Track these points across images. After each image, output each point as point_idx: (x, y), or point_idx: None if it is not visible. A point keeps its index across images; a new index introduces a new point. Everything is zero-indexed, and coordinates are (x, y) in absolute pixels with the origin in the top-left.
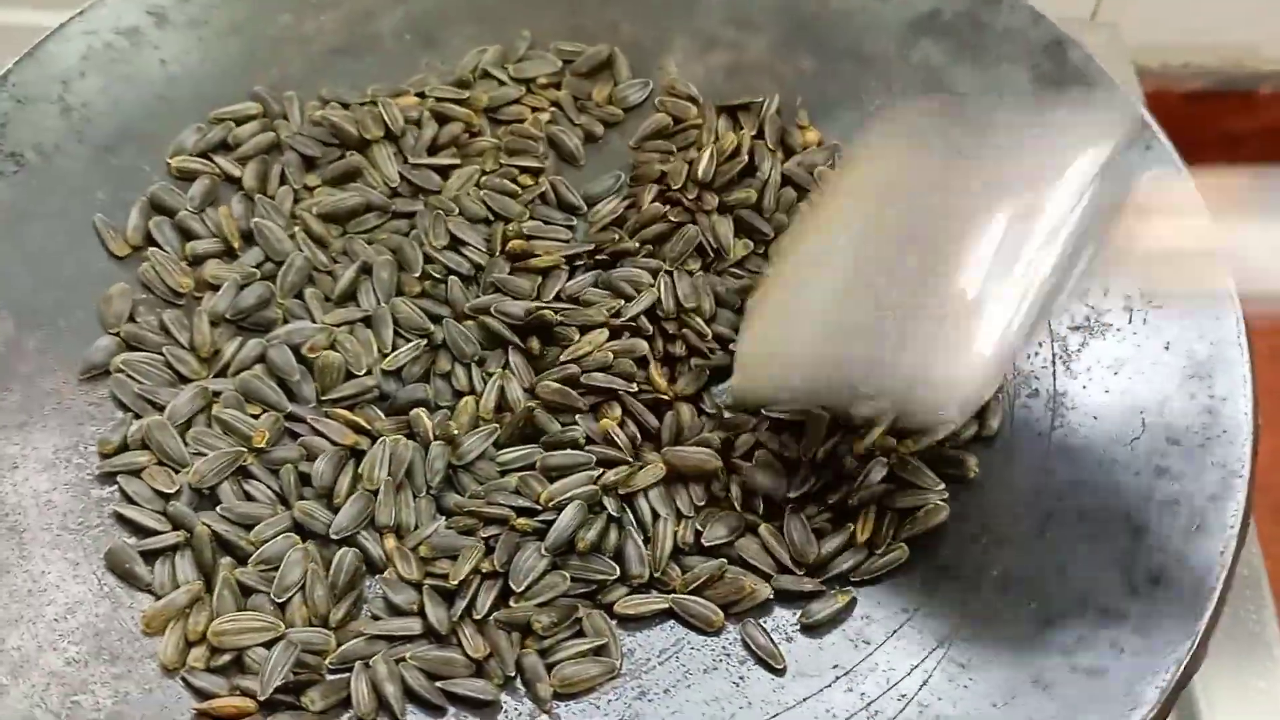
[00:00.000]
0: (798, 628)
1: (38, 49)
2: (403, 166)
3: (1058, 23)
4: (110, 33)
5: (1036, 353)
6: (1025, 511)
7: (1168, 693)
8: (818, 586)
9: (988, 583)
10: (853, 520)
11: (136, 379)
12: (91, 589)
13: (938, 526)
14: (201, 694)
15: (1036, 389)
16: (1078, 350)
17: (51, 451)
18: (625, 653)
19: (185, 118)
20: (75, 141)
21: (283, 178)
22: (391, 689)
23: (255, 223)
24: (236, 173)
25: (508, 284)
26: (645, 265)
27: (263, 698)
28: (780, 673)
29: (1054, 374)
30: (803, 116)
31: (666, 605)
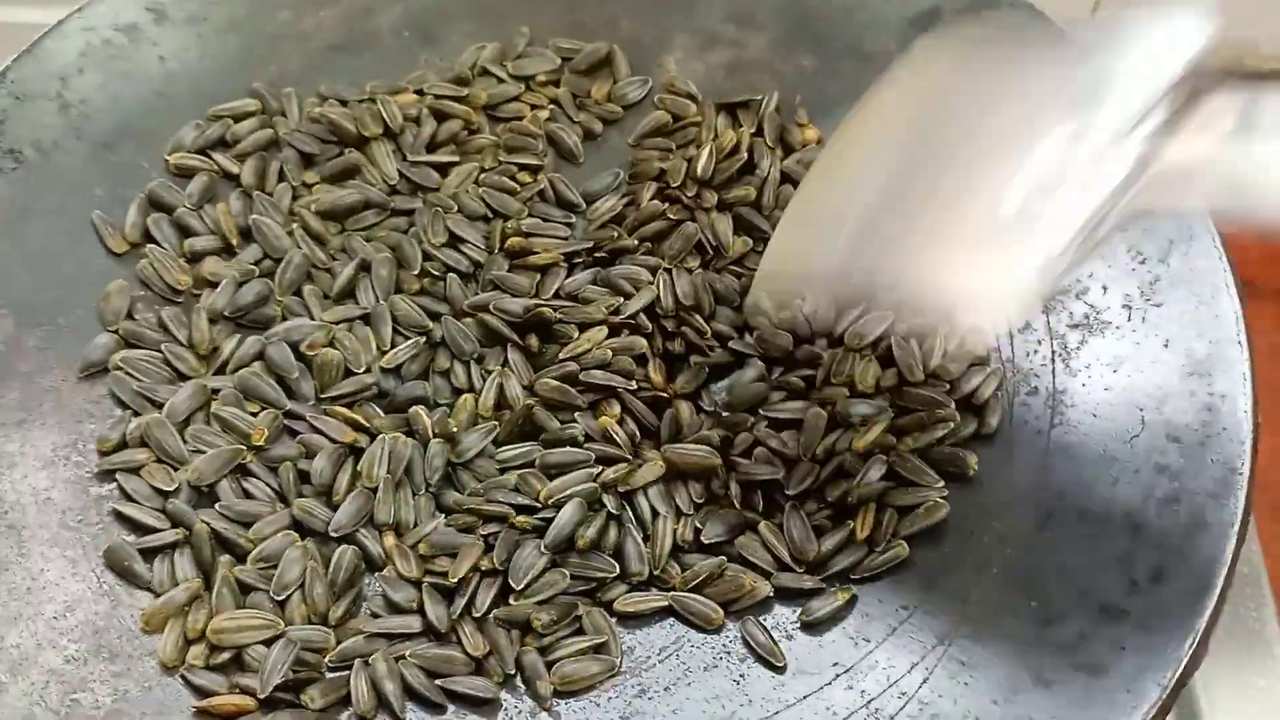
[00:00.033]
0: (798, 625)
1: (36, 46)
2: (401, 164)
3: (1058, 21)
4: (109, 29)
5: (1036, 350)
6: (1025, 509)
7: (1168, 690)
8: (818, 584)
9: (988, 580)
10: (852, 518)
11: (135, 376)
12: (90, 587)
13: (937, 524)
14: (201, 692)
15: (1036, 386)
16: (1077, 348)
17: (50, 449)
18: (625, 650)
19: (184, 114)
20: (74, 138)
21: (281, 175)
22: (391, 687)
23: (254, 220)
24: (235, 170)
25: (506, 281)
26: (644, 263)
27: (262, 695)
28: (780, 670)
29: (1054, 371)
30: (802, 114)
31: (666, 603)
